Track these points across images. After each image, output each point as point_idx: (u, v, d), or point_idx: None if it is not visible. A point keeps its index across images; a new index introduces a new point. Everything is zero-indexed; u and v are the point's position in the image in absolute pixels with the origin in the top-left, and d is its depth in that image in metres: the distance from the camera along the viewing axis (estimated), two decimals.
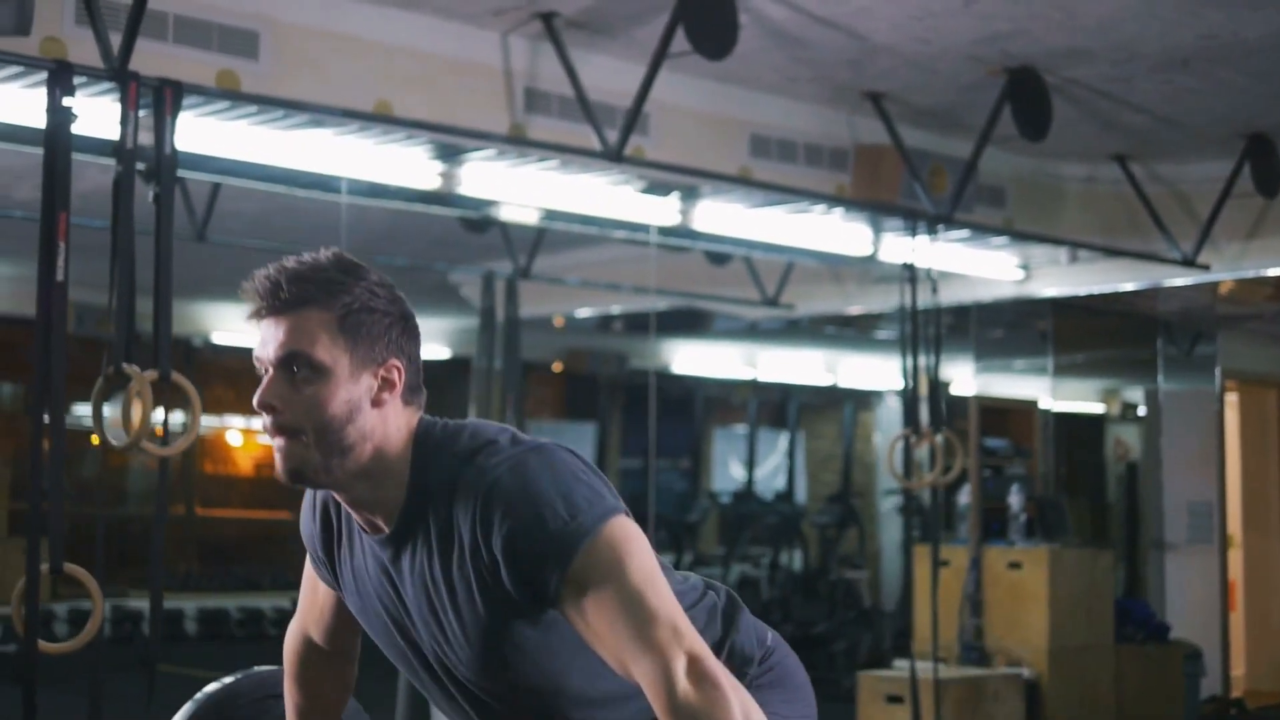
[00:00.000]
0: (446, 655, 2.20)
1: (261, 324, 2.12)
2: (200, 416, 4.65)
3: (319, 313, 2.09)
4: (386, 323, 2.13)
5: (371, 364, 2.11)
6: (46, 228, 4.38)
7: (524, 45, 6.03)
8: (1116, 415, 12.15)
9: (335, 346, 2.09)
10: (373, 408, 2.11)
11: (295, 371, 2.09)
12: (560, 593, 2.02)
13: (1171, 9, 5.60)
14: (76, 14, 4.97)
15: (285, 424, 2.09)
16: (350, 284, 2.11)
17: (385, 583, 2.22)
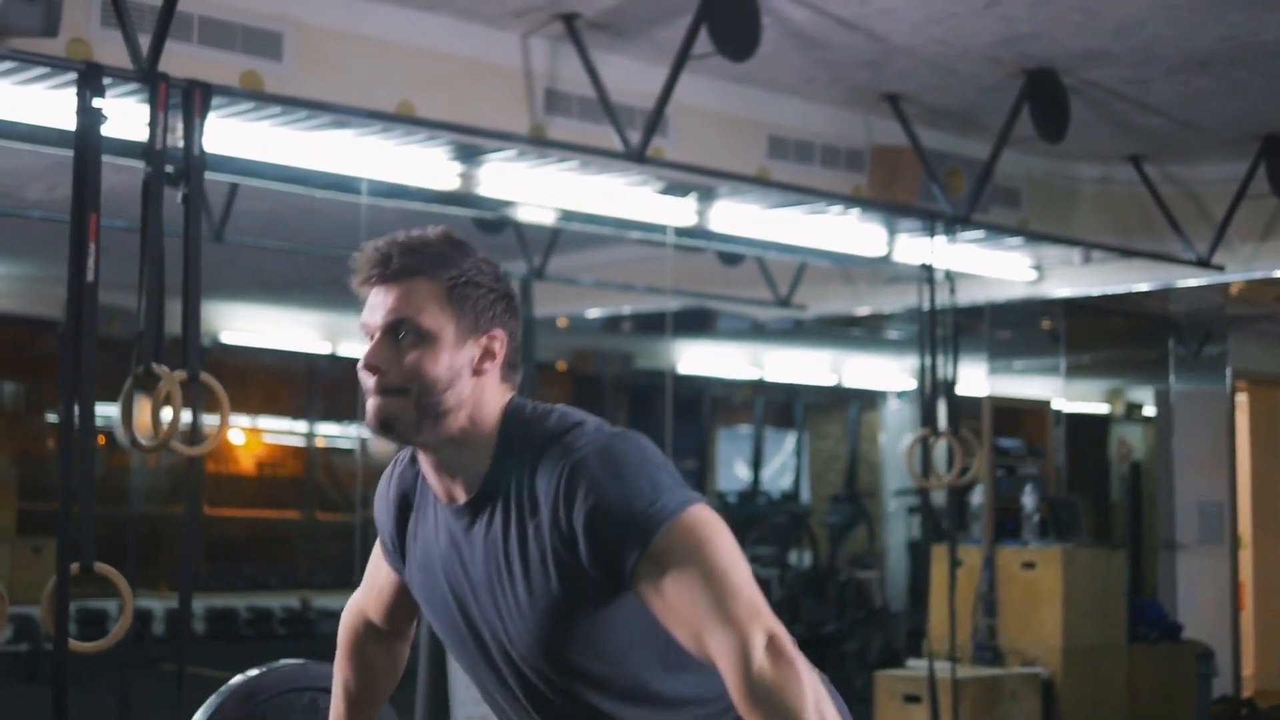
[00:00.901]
0: (505, 631, 2.22)
1: (371, 291, 2.20)
2: (229, 416, 4.66)
3: (428, 283, 2.18)
4: (491, 298, 2.21)
5: (475, 334, 2.19)
6: (77, 228, 4.40)
7: (545, 46, 6.05)
8: (1121, 415, 12.17)
9: (442, 315, 2.17)
10: (473, 376, 2.19)
11: (401, 337, 2.16)
12: (637, 570, 2.05)
13: (1192, 11, 5.62)
14: (103, 15, 4.99)
15: (389, 385, 2.17)
16: (458, 258, 2.20)
17: (454, 555, 2.26)
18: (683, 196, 6.89)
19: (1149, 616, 8.75)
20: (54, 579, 4.35)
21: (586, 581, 2.11)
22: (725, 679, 1.98)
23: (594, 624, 2.16)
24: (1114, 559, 8.51)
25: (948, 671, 7.17)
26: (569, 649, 2.18)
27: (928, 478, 7.01)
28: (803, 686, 1.95)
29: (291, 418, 13.27)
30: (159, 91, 4.61)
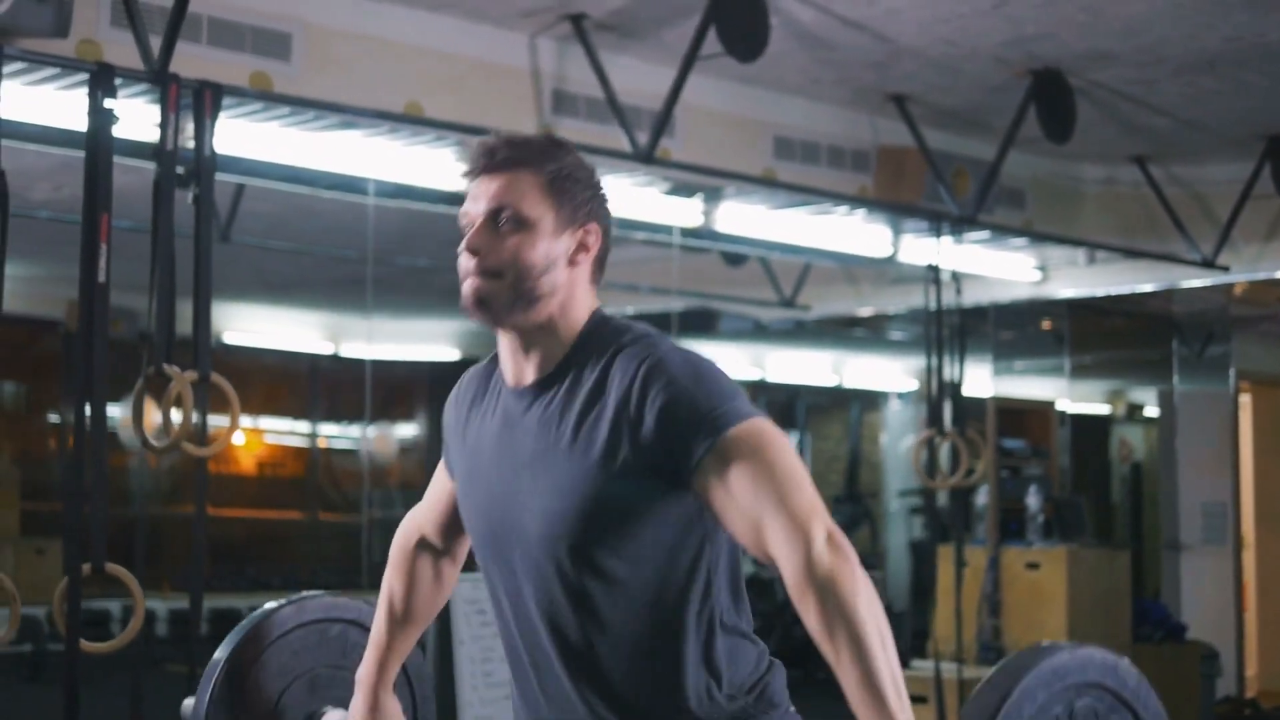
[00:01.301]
0: (538, 511, 2.25)
1: (475, 183, 2.31)
2: (240, 417, 4.66)
3: (530, 174, 2.28)
4: (588, 194, 2.33)
5: (572, 225, 2.29)
6: (88, 229, 4.41)
7: (552, 47, 6.05)
8: (1122, 416, 12.17)
9: (541, 204, 2.27)
10: (567, 266, 2.29)
11: (502, 223, 2.26)
12: (705, 461, 2.11)
13: (1199, 12, 5.63)
14: (113, 16, 5.00)
15: (487, 267, 2.26)
16: (559, 154, 2.32)
17: (506, 436, 2.31)
18: (688, 197, 6.90)
19: (1153, 617, 8.75)
20: (65, 580, 4.36)
21: (637, 469, 2.16)
22: (782, 568, 2.05)
23: (625, 516, 2.20)
24: (1118, 559, 8.52)
25: (953, 672, 7.18)
26: (593, 535, 2.20)
27: (934, 478, 7.01)
28: (857, 581, 2.01)
29: (294, 418, 13.27)
30: (170, 92, 4.61)
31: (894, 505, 13.22)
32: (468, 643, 6.49)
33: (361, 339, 10.32)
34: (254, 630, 2.75)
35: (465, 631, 6.54)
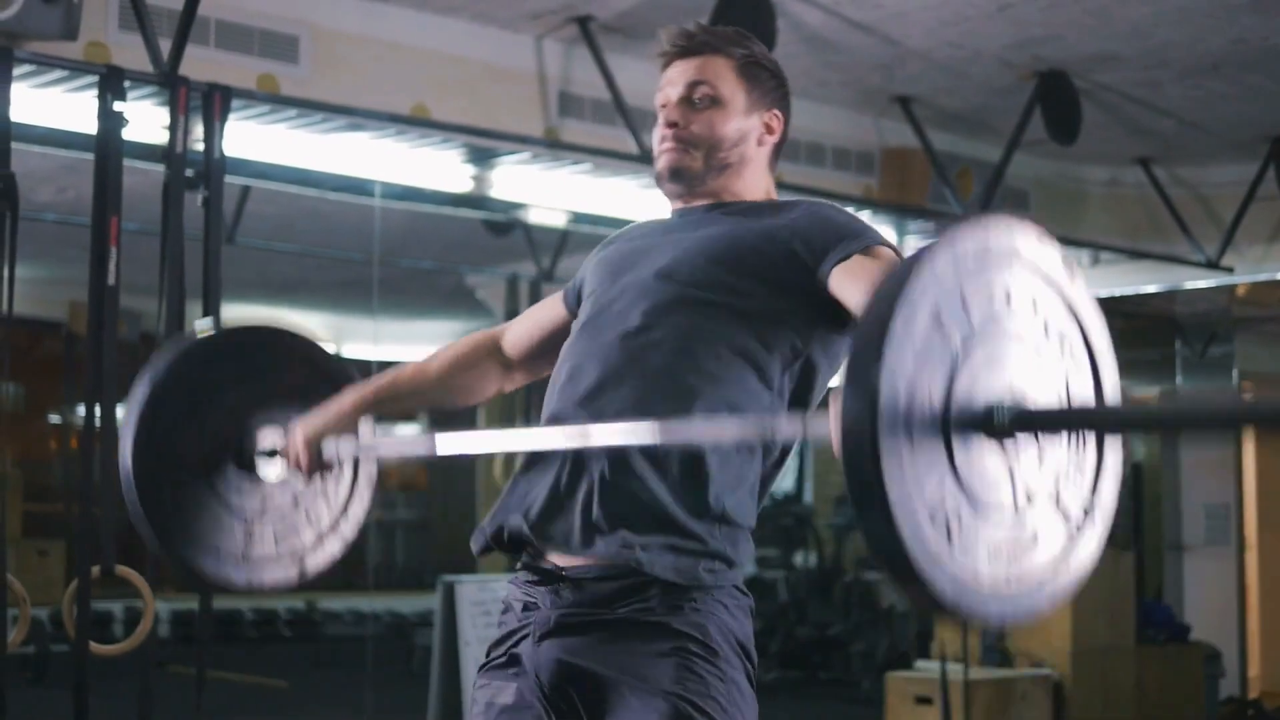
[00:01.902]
0: (668, 259, 2.38)
1: (670, 68, 2.49)
2: None
3: (724, 58, 2.47)
4: (775, 82, 2.52)
5: (760, 108, 2.48)
6: (98, 232, 4.41)
7: (559, 49, 6.06)
8: None
9: (735, 84, 2.46)
10: (755, 145, 2.48)
11: (697, 101, 2.45)
12: (846, 258, 2.28)
13: (1204, 14, 5.64)
14: (121, 19, 5.00)
15: (685, 136, 2.44)
16: (749, 44, 2.50)
17: (660, 233, 2.47)
18: None
19: (1157, 618, 8.76)
20: (75, 582, 4.36)
21: (777, 258, 2.32)
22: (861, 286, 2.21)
23: (759, 264, 2.33)
24: (1123, 560, 8.52)
25: (958, 673, 7.18)
26: (730, 264, 2.34)
27: None
28: None
29: None
30: (179, 95, 4.62)
31: None
32: (474, 644, 6.50)
33: (366, 340, 10.32)
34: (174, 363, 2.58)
35: (471, 633, 6.55)
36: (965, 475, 1.74)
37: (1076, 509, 1.89)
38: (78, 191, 7.19)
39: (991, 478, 1.77)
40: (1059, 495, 1.87)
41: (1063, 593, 1.85)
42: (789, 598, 11.67)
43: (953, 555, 1.72)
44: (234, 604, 12.07)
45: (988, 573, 1.76)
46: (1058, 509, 1.86)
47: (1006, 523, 1.79)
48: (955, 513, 1.73)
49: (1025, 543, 1.81)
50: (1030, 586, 1.81)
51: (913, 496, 1.68)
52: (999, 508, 1.78)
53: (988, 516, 1.77)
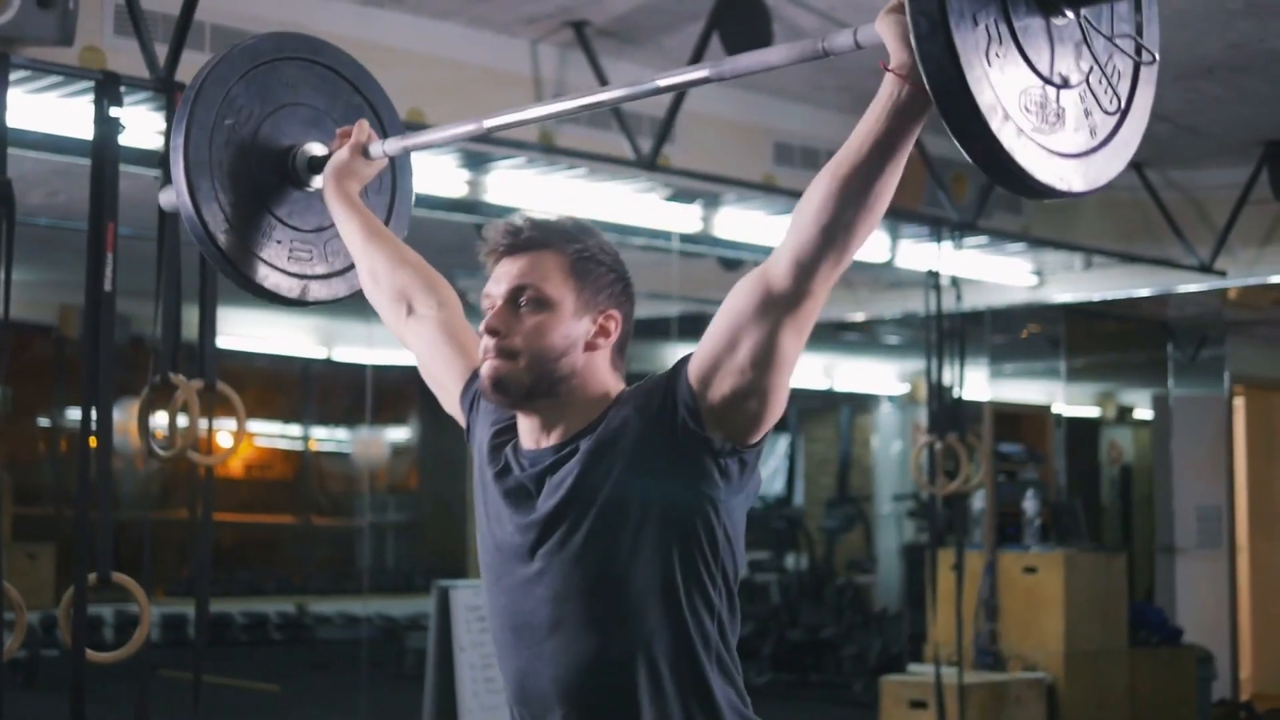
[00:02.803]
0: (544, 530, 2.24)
1: (499, 263, 2.31)
2: (245, 424, 4.66)
3: (553, 255, 2.29)
4: (611, 277, 2.33)
5: (593, 309, 2.29)
6: (94, 238, 4.39)
7: (554, 54, 6.05)
8: (1112, 419, 12.20)
9: (564, 286, 2.27)
10: (586, 350, 2.28)
11: (523, 303, 2.26)
12: (684, 363, 2.20)
13: (1200, 18, 5.65)
14: (117, 24, 4.99)
15: (507, 347, 2.26)
16: (583, 238, 2.32)
17: (517, 496, 2.29)
18: (688, 203, 6.90)
19: (1150, 621, 8.76)
20: (71, 589, 4.34)
21: (663, 464, 2.18)
22: (758, 277, 2.13)
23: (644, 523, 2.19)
24: (1115, 563, 8.53)
25: (952, 677, 7.18)
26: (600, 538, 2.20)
27: (934, 483, 7.02)
28: None
29: (286, 422, 13.25)
30: (176, 100, 4.59)
31: (886, 509, 13.24)
32: (468, 649, 6.48)
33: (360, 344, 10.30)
34: (210, 79, 2.75)
35: (465, 638, 6.53)
36: (1028, 46, 1.89)
37: (1124, 92, 2.03)
38: (69, 195, 7.18)
39: (1055, 47, 1.92)
40: (1121, 39, 2.02)
41: (1119, 167, 2.01)
42: (780, 600, 11.67)
43: (1036, 129, 1.89)
44: (225, 608, 12.04)
45: (1070, 140, 1.94)
46: (1117, 61, 2.01)
47: (1079, 90, 1.95)
48: (1029, 86, 1.89)
49: (1102, 107, 1.99)
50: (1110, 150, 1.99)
51: (987, 69, 1.84)
52: (1071, 76, 1.95)
53: (1061, 88, 1.92)
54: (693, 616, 2.20)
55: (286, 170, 2.85)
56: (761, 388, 2.15)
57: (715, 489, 2.19)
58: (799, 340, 2.17)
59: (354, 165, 2.78)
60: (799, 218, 2.07)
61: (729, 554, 2.24)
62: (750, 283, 2.13)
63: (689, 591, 2.19)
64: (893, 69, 1.97)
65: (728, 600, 2.25)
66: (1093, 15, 1.97)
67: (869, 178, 2.03)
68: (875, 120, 2.01)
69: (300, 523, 13.28)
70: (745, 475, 2.22)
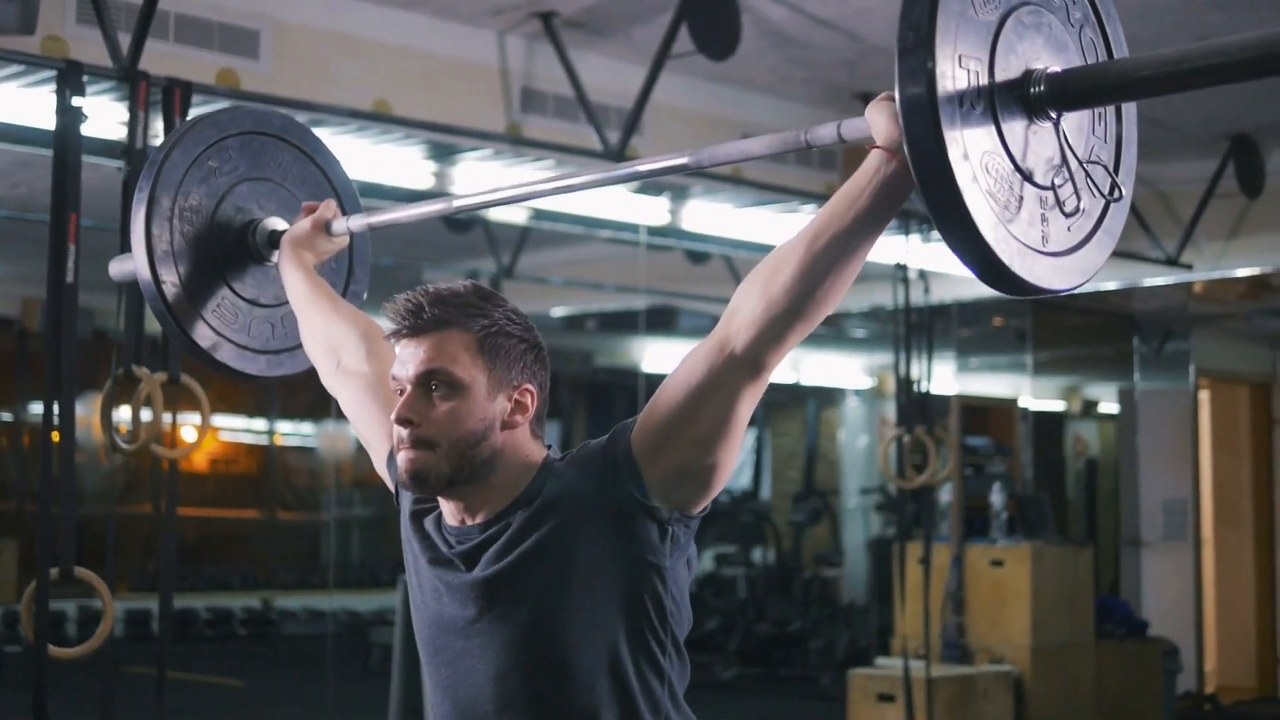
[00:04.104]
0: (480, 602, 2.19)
1: (401, 344, 2.20)
2: (210, 418, 4.61)
3: (459, 334, 2.17)
4: (522, 349, 2.21)
5: (507, 386, 2.19)
6: (56, 229, 4.34)
7: (521, 45, 6.02)
8: (1078, 412, 12.23)
9: (474, 366, 2.17)
10: (503, 430, 2.18)
11: (434, 389, 2.16)
12: (630, 435, 2.13)
13: (1169, 11, 5.65)
14: (79, 13, 4.94)
15: (421, 436, 2.16)
16: (489, 309, 2.20)
17: (447, 577, 2.23)
18: (656, 196, 6.88)
19: (1116, 614, 8.79)
20: (34, 583, 4.30)
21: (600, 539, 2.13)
22: (716, 348, 2.06)
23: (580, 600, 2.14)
24: (1081, 556, 8.55)
25: (920, 670, 7.18)
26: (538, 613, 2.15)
27: (902, 476, 7.01)
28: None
29: (251, 416, 13.19)
30: (139, 90, 4.56)
31: (853, 502, 13.25)
32: None
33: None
34: (166, 160, 2.77)
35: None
36: (1013, 146, 1.94)
37: (1106, 180, 2.07)
38: (30, 187, 7.11)
39: (1034, 148, 1.97)
40: (1092, 164, 2.06)
41: (1101, 263, 2.05)
42: (748, 594, 11.67)
43: (1015, 223, 1.92)
44: (189, 603, 11.98)
45: (1049, 241, 1.97)
46: (1091, 181, 2.05)
47: (1051, 193, 1.99)
48: (1009, 183, 1.92)
49: (1069, 212, 2.02)
50: (1079, 257, 2.02)
51: (972, 166, 1.86)
52: (1043, 178, 1.98)
53: (1035, 186, 1.96)
54: (641, 687, 2.16)
55: (247, 246, 2.86)
56: (712, 461, 2.10)
57: (661, 557, 2.14)
58: (750, 410, 2.11)
59: (313, 239, 2.78)
60: (768, 287, 2.02)
61: (677, 618, 2.19)
62: (708, 353, 2.06)
63: (637, 664, 2.15)
64: (880, 145, 1.95)
65: (677, 661, 2.20)
66: (1072, 134, 2.02)
67: (846, 252, 1.99)
68: (858, 194, 1.98)
69: (265, 517, 13.22)
70: (688, 539, 2.18)
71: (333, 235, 2.78)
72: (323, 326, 2.66)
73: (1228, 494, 10.74)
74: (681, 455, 2.09)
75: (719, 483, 2.14)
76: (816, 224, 2.01)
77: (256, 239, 2.85)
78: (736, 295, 2.07)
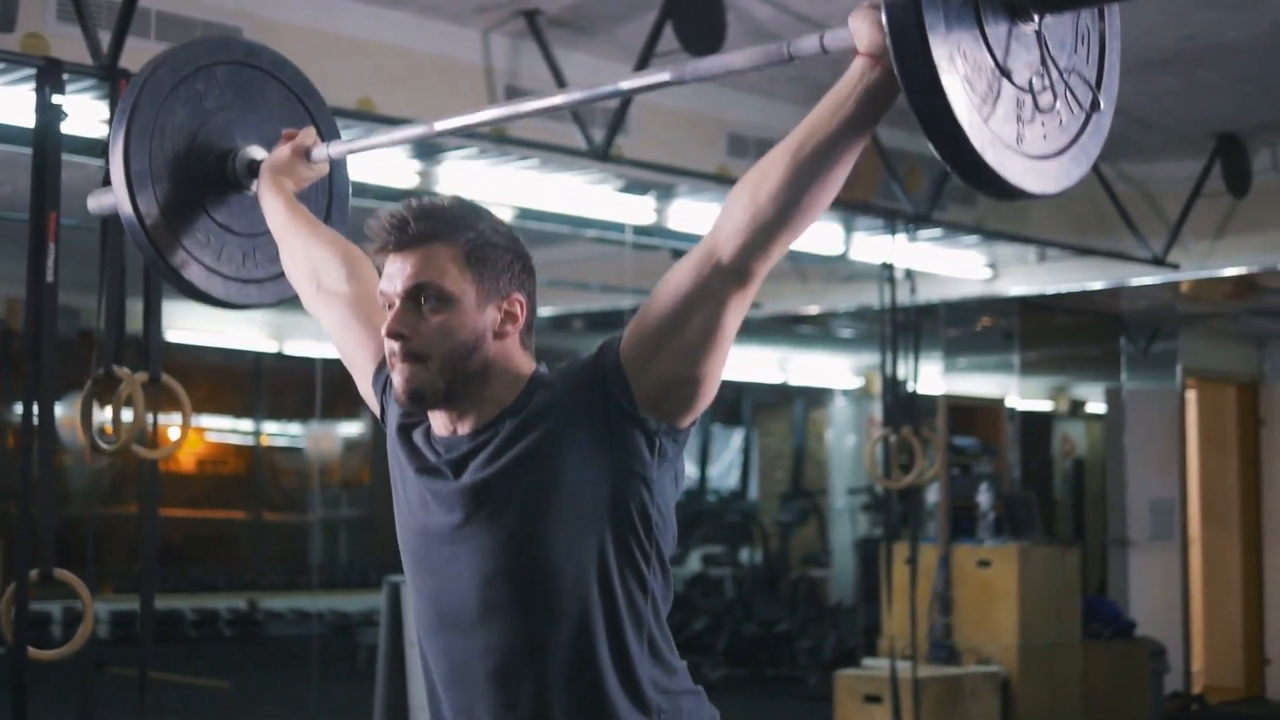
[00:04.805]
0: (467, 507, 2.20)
1: (388, 260, 2.20)
2: (191, 418, 4.58)
3: (446, 247, 2.18)
4: (509, 259, 2.22)
5: (496, 297, 2.20)
6: (36, 228, 4.31)
7: (506, 43, 6.00)
8: (1065, 412, 12.22)
9: (462, 279, 2.18)
10: (495, 340, 2.20)
11: (424, 302, 2.17)
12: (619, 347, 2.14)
13: (1156, 9, 5.63)
14: (59, 10, 4.91)
15: (414, 350, 2.17)
16: (474, 222, 2.21)
17: (433, 485, 2.23)
18: (642, 195, 6.86)
19: (1103, 614, 8.78)
20: (13, 585, 4.27)
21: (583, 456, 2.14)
22: (703, 257, 2.11)
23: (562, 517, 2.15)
24: (1069, 556, 8.54)
25: (907, 671, 7.16)
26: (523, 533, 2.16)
27: (889, 476, 7.00)
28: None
29: (237, 416, 13.14)
30: (120, 88, 4.52)
31: (840, 502, 13.23)
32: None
33: (310, 338, 10.22)
34: (152, 75, 2.78)
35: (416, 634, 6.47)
36: (995, 47, 1.94)
37: (1087, 94, 2.10)
38: (11, 185, 7.07)
39: (1016, 51, 1.98)
40: (1072, 75, 2.08)
41: (1082, 172, 2.06)
42: (735, 595, 11.65)
43: (992, 118, 1.92)
44: (174, 604, 11.93)
45: (1024, 140, 1.99)
46: (1072, 93, 2.07)
47: (1029, 96, 2.00)
48: (987, 77, 1.94)
49: (1046, 116, 2.03)
50: (1056, 163, 2.05)
51: (955, 61, 1.88)
52: (1022, 79, 1.99)
53: (1014, 86, 1.97)
54: (626, 598, 2.16)
55: (226, 173, 2.87)
56: (699, 372, 2.12)
57: (647, 468, 2.15)
58: (738, 321, 2.14)
59: (293, 165, 2.78)
60: (755, 196, 2.06)
61: (662, 531, 2.20)
62: (696, 263, 2.10)
63: (622, 574, 2.16)
64: (864, 52, 1.97)
65: (662, 576, 2.21)
66: (1055, 45, 2.03)
67: (831, 159, 2.03)
68: (842, 101, 2.01)
69: (252, 518, 13.17)
70: (676, 453, 2.19)
71: (313, 162, 2.79)
72: (303, 249, 2.66)
73: (1215, 494, 10.73)
74: (670, 365, 2.11)
75: (706, 395, 2.16)
76: (801, 132, 2.04)
77: (236, 166, 2.86)
78: (724, 206, 2.11)
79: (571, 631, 2.14)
